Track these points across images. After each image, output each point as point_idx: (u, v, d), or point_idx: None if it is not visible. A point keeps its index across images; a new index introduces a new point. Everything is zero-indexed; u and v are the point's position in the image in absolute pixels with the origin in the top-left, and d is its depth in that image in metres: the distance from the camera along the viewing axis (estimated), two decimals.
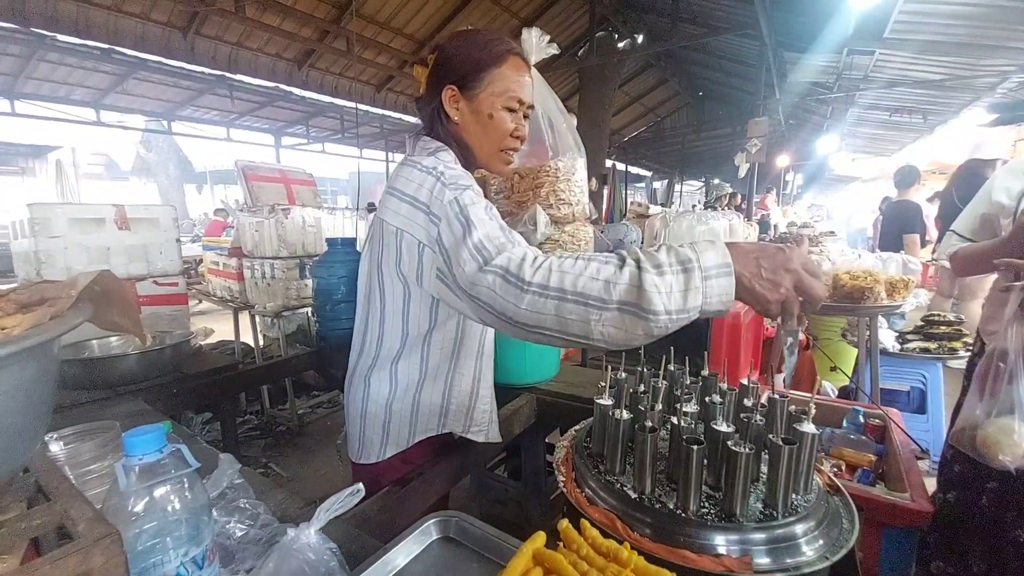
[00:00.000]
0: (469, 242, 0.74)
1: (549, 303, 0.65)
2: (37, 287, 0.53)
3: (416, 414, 1.03)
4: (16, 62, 5.72)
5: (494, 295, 0.69)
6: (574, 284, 0.64)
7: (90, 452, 0.83)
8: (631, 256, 0.64)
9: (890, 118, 7.82)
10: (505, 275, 0.69)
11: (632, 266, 0.63)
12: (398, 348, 0.98)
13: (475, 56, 0.91)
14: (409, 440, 1.04)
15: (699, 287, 0.61)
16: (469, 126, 0.94)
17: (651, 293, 0.60)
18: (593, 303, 0.63)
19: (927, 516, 1.19)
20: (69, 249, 2.08)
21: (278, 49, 5.92)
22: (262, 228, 3.05)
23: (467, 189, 0.83)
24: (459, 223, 0.78)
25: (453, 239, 0.77)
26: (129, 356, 1.53)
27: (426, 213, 0.83)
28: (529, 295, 0.66)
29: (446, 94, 0.92)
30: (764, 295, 0.62)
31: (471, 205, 0.80)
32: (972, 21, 4.22)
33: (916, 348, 2.65)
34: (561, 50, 1.20)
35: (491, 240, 0.74)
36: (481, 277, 0.71)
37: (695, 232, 1.80)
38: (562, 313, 0.65)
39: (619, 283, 0.62)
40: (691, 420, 0.79)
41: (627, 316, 0.62)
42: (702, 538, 0.65)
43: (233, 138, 9.34)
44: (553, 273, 0.66)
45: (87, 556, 0.42)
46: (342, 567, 0.64)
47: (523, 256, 0.70)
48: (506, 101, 0.92)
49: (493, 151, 0.97)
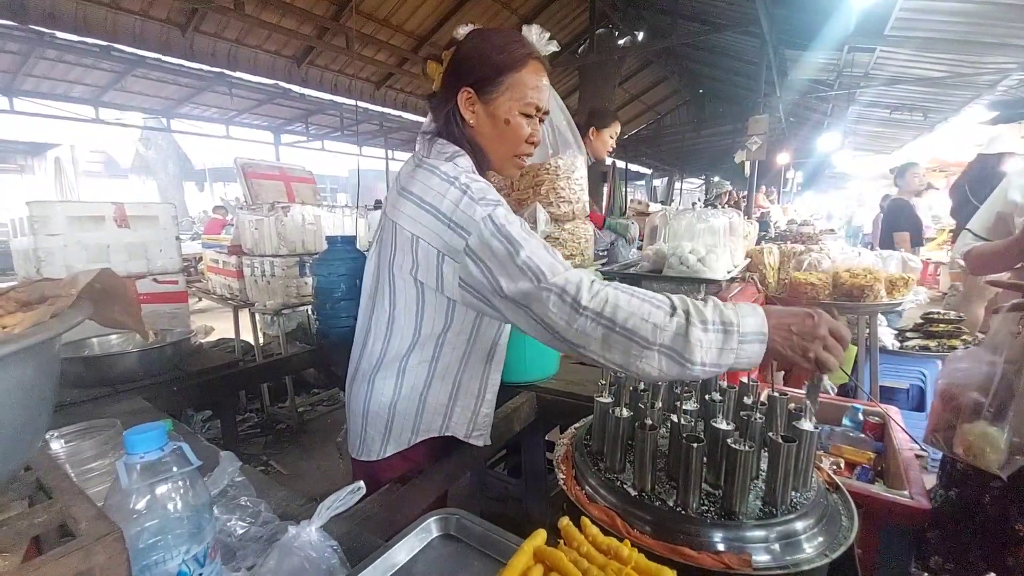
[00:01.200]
0: (518, 260, 0.78)
1: (599, 329, 0.71)
2: (37, 285, 0.53)
3: (421, 414, 1.02)
4: (15, 59, 5.70)
5: (547, 310, 0.74)
6: (625, 320, 0.70)
7: (91, 450, 0.83)
8: (681, 306, 0.71)
9: (891, 116, 7.81)
10: (562, 295, 0.74)
11: (681, 317, 0.70)
12: (408, 347, 0.97)
13: (494, 59, 0.90)
14: (411, 440, 1.04)
15: (735, 348, 0.69)
16: (484, 130, 0.94)
17: (694, 345, 0.68)
18: (639, 341, 0.70)
19: (926, 514, 1.20)
20: (68, 247, 2.08)
21: (277, 46, 5.90)
22: (262, 226, 3.04)
23: (498, 205, 0.84)
24: (499, 242, 0.80)
25: (494, 256, 0.80)
26: (130, 354, 1.53)
27: (447, 224, 0.84)
28: (582, 318, 0.72)
29: (462, 96, 0.91)
30: (793, 358, 0.70)
31: (508, 224, 0.81)
32: (973, 18, 4.21)
33: (916, 346, 2.65)
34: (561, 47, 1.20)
35: (540, 260, 0.77)
36: (538, 293, 0.75)
37: (695, 230, 1.80)
38: (608, 341, 0.72)
39: (667, 330, 0.69)
40: (691, 418, 0.79)
41: (665, 359, 0.70)
42: (702, 535, 0.65)
43: (232, 136, 9.32)
44: (608, 304, 0.71)
45: (89, 554, 0.42)
46: (343, 564, 0.65)
47: (580, 281, 0.74)
48: (524, 107, 0.92)
49: (507, 156, 0.96)
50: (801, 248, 2.54)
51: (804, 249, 2.50)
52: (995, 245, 1.43)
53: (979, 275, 1.55)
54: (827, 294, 2.22)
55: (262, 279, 3.07)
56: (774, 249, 2.47)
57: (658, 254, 1.82)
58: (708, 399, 0.88)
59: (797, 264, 2.41)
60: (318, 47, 5.87)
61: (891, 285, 2.17)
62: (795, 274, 2.32)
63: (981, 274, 1.51)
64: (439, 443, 1.10)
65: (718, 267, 1.67)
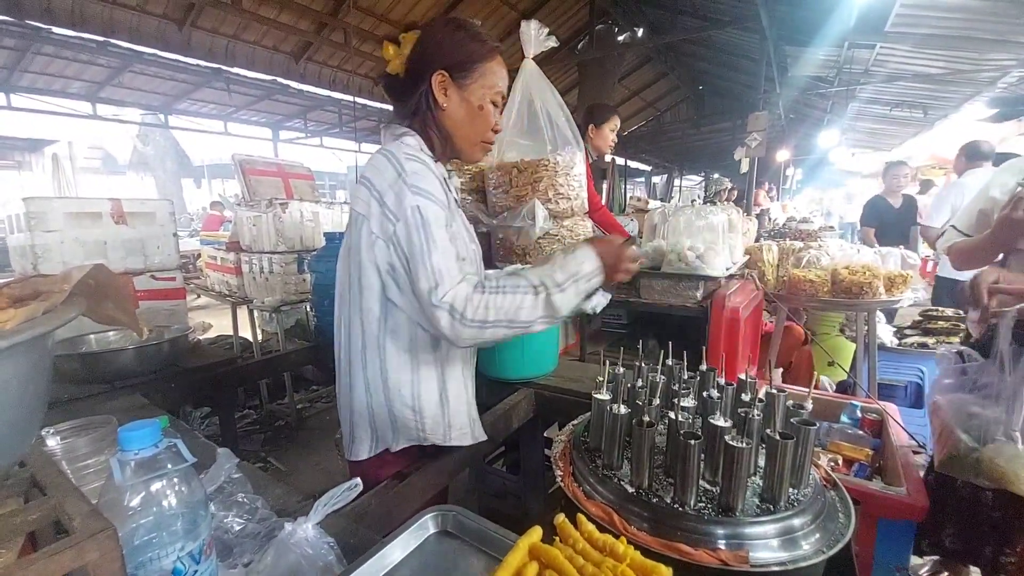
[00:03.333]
0: (429, 263, 0.85)
1: (485, 332, 0.86)
2: (30, 281, 0.53)
3: (393, 420, 1.00)
4: (11, 55, 5.66)
5: (439, 323, 0.85)
6: (506, 318, 0.86)
7: (87, 447, 0.83)
8: (540, 282, 0.88)
9: (890, 112, 7.78)
10: (451, 312, 0.84)
11: (543, 292, 0.87)
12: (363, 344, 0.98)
13: (470, 47, 0.94)
14: (394, 443, 1.02)
15: (584, 288, 0.91)
16: (456, 114, 0.97)
17: (558, 306, 0.88)
18: (520, 326, 0.87)
19: (923, 510, 1.20)
20: (66, 243, 2.07)
21: (275, 42, 5.86)
22: (260, 222, 3.03)
23: (430, 199, 0.88)
24: (420, 236, 0.86)
25: (412, 251, 0.87)
26: (127, 351, 1.53)
27: (380, 204, 0.89)
28: (469, 329, 0.85)
29: (436, 79, 0.94)
30: (616, 277, 0.95)
31: (434, 222, 0.87)
32: (973, 14, 4.19)
33: (914, 343, 2.65)
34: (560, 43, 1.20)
35: (447, 269, 0.86)
36: (430, 309, 0.85)
37: (694, 227, 1.80)
38: (496, 336, 0.88)
39: (537, 308, 0.87)
40: (689, 415, 0.79)
41: (543, 324, 0.89)
42: (699, 532, 0.65)
43: (230, 132, 9.27)
44: (490, 311, 0.85)
45: (83, 551, 0.42)
46: (339, 561, 0.65)
47: (467, 297, 0.85)
48: (494, 96, 0.98)
49: (475, 141, 1.01)
50: (800, 245, 2.54)
51: (803, 246, 2.50)
52: (974, 240, 1.48)
53: (962, 270, 1.59)
54: (826, 291, 2.22)
55: (260, 276, 3.06)
56: (773, 246, 2.47)
57: (657, 251, 1.81)
58: (706, 396, 0.88)
59: (796, 261, 2.41)
60: (316, 43, 5.83)
61: (890, 282, 2.17)
62: (794, 271, 2.32)
63: (963, 269, 1.55)
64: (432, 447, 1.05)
65: (717, 264, 1.67)
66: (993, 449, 1.09)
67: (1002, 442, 1.09)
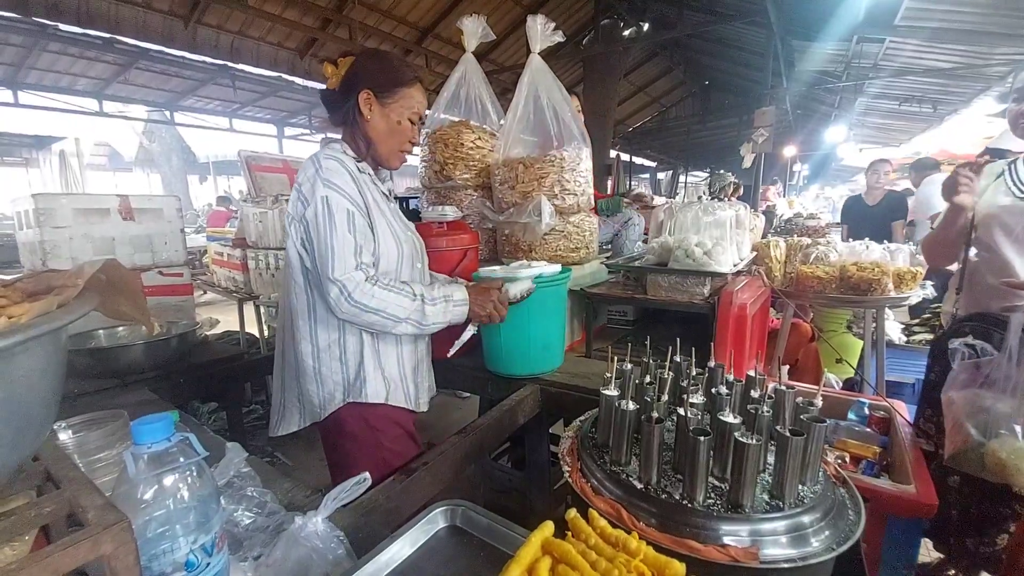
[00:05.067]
0: (330, 243, 1.05)
1: (364, 315, 1.07)
2: (43, 276, 0.53)
3: (321, 382, 1.18)
4: (18, 52, 5.70)
5: (329, 295, 1.06)
6: (383, 308, 1.07)
7: (98, 441, 0.84)
8: (419, 294, 1.12)
9: (899, 107, 7.70)
10: (341, 289, 1.05)
11: (419, 300, 1.12)
12: (291, 319, 1.19)
13: (392, 74, 1.17)
14: (322, 410, 1.20)
15: (451, 312, 1.17)
16: (378, 125, 1.18)
17: (429, 316, 1.13)
18: (391, 319, 1.10)
19: (932, 508, 1.19)
20: (74, 239, 2.09)
21: (280, 38, 5.86)
22: (266, 219, 3.04)
23: (338, 192, 1.07)
24: (324, 220, 1.06)
25: (319, 231, 1.06)
26: (136, 346, 1.54)
27: (297, 192, 1.11)
28: (352, 307, 1.06)
29: (362, 96, 1.15)
30: (480, 313, 1.21)
31: (337, 212, 1.07)
32: (984, 8, 4.14)
33: (922, 340, 2.63)
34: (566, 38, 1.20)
35: (344, 254, 1.06)
36: (327, 281, 1.05)
37: (701, 223, 1.79)
38: (371, 322, 1.09)
39: (411, 309, 1.11)
40: (697, 411, 0.79)
41: (411, 325, 1.13)
42: (708, 528, 0.65)
43: (236, 128, 9.30)
44: (374, 299, 1.06)
45: (97, 543, 0.42)
46: (349, 554, 0.65)
47: (357, 282, 1.05)
48: (411, 115, 1.20)
49: (393, 149, 1.22)
50: (808, 241, 2.52)
51: (811, 242, 2.48)
52: (934, 232, 1.59)
53: (933, 263, 1.72)
54: (834, 287, 2.20)
55: (266, 272, 3.07)
56: (780, 242, 2.45)
57: (663, 247, 1.80)
58: (715, 392, 0.87)
59: (804, 257, 2.39)
60: (321, 39, 5.83)
61: (899, 279, 2.15)
62: (801, 267, 2.31)
63: (934, 262, 1.69)
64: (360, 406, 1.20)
65: (724, 260, 1.66)
66: (997, 442, 1.09)
67: (1006, 435, 1.09)
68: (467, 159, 1.91)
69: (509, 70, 6.92)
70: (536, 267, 1.40)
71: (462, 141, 1.88)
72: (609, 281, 2.00)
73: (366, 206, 1.13)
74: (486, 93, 1.94)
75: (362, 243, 1.09)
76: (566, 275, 1.45)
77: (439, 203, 1.89)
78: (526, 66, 1.78)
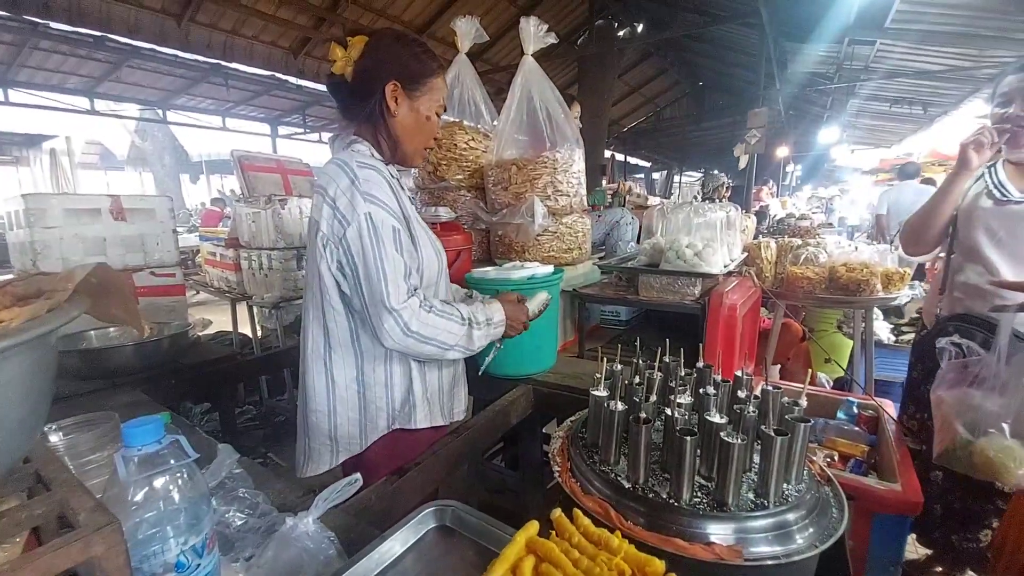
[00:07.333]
0: (380, 267, 0.94)
1: (421, 346, 0.98)
2: (33, 280, 0.53)
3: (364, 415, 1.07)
4: (9, 50, 5.63)
5: (383, 325, 0.94)
6: (436, 336, 0.99)
7: (89, 443, 0.84)
8: (468, 317, 1.04)
9: (890, 109, 7.77)
10: (398, 319, 0.94)
11: (467, 326, 1.04)
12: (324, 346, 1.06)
13: (423, 61, 1.03)
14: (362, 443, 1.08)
15: (492, 333, 1.10)
16: (405, 121, 1.04)
17: (475, 340, 1.06)
18: (442, 346, 1.01)
19: (917, 505, 1.21)
20: (65, 240, 2.07)
21: (273, 37, 5.83)
22: (259, 219, 3.03)
23: (381, 207, 0.95)
24: (371, 241, 0.94)
25: (365, 254, 0.94)
26: (127, 347, 1.53)
27: (332, 208, 0.95)
28: (408, 338, 0.96)
29: (389, 88, 1.00)
30: (515, 329, 1.17)
31: (384, 231, 0.94)
32: (974, 11, 4.18)
33: (911, 340, 2.66)
34: (560, 39, 1.20)
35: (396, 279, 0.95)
36: (383, 309, 0.94)
37: (692, 224, 1.80)
38: (426, 352, 1.01)
39: (460, 335, 1.03)
40: (685, 411, 0.80)
41: (459, 351, 1.05)
42: (694, 527, 0.66)
43: (229, 127, 9.24)
44: (427, 328, 0.97)
45: (88, 545, 0.42)
46: (340, 555, 0.65)
47: (414, 311, 0.96)
48: (438, 108, 1.08)
49: (419, 148, 1.10)
50: (798, 242, 2.54)
51: (801, 243, 2.50)
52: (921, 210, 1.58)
53: (910, 253, 1.71)
54: (823, 288, 2.23)
55: (260, 272, 3.06)
56: (771, 243, 2.48)
57: (655, 248, 1.82)
58: (702, 393, 0.88)
59: (794, 258, 2.41)
60: (315, 38, 5.81)
61: (887, 279, 2.17)
62: (791, 268, 2.33)
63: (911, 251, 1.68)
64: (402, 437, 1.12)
65: (715, 261, 1.67)
66: (986, 440, 1.11)
67: (994, 434, 1.10)
68: (460, 160, 1.91)
69: (504, 70, 6.92)
70: (529, 268, 1.41)
71: (455, 142, 1.88)
72: (601, 282, 2.02)
73: (405, 218, 1.02)
74: (479, 94, 1.95)
75: (409, 262, 0.99)
76: (559, 276, 1.46)
77: (432, 204, 1.90)
78: (519, 68, 1.79)
